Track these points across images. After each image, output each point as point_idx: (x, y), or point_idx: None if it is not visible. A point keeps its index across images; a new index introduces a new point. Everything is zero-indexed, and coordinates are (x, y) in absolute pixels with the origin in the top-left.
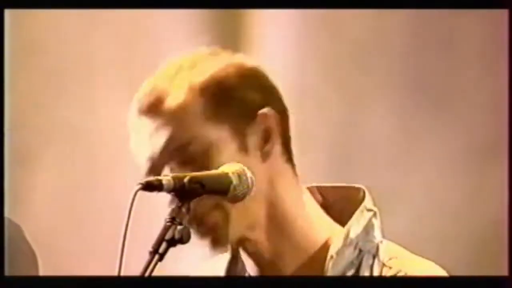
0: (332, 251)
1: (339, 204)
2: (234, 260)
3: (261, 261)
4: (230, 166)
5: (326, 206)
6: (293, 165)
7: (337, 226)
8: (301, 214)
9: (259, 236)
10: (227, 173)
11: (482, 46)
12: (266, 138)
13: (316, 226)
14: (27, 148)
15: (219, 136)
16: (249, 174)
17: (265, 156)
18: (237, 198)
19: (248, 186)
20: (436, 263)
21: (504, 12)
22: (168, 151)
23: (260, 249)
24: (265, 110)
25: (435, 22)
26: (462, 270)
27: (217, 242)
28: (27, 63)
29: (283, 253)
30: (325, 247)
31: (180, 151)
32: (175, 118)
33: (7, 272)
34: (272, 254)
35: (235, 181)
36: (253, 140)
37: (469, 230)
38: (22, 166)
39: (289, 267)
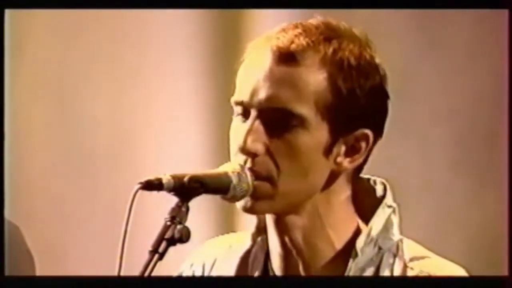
0: (357, 248)
1: (358, 195)
2: (248, 254)
3: (293, 244)
4: (230, 165)
5: None
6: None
7: (357, 219)
8: (341, 206)
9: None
10: (226, 173)
11: (482, 46)
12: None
13: (346, 221)
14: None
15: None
16: (248, 173)
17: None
18: (237, 198)
19: (248, 185)
20: None
21: (504, 12)
22: None
23: (297, 232)
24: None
25: (435, 22)
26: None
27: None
28: (27, 63)
29: (315, 243)
30: (349, 242)
31: None
32: None
33: (6, 272)
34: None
35: (235, 180)
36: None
37: (469, 230)
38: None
39: (315, 259)
